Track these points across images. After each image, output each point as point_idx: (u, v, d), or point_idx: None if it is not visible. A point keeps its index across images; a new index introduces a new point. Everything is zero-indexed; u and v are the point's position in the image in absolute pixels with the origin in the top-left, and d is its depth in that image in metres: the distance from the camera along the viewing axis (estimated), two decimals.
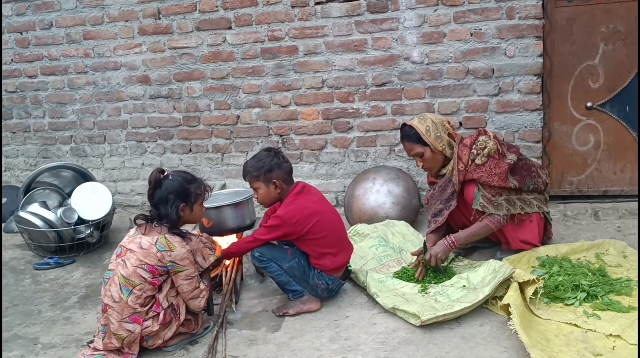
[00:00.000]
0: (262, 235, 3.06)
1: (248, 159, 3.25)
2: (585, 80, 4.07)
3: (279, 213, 3.05)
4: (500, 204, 3.24)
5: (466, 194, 3.35)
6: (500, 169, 3.21)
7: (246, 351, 2.78)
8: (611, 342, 2.49)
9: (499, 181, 3.21)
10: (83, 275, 3.95)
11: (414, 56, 4.23)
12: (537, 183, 3.34)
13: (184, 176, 2.86)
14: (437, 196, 3.49)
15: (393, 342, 2.71)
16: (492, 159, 3.23)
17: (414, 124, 3.34)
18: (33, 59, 5.10)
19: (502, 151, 3.27)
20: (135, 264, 2.69)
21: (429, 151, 3.33)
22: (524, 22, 3.99)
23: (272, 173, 3.06)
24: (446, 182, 3.43)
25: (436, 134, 3.31)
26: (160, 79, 4.81)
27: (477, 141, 3.28)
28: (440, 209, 3.44)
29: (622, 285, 2.93)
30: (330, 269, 3.12)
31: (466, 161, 3.28)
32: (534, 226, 3.34)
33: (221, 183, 4.82)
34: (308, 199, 3.11)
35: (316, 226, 3.03)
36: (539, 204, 3.36)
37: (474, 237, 3.33)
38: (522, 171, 3.31)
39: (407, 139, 3.39)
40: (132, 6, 4.73)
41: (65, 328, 3.21)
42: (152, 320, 2.72)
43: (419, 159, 3.41)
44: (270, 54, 4.52)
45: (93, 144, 5.15)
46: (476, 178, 3.26)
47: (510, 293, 2.72)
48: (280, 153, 3.15)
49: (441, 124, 3.35)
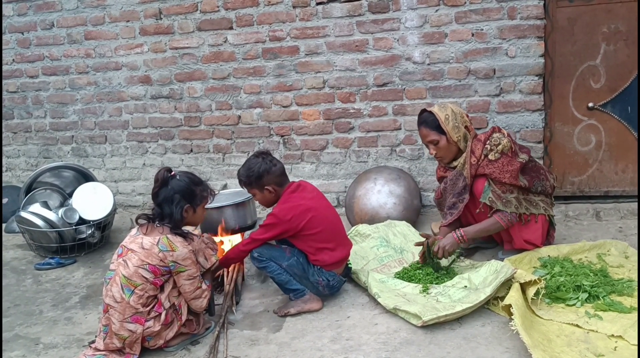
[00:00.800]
0: (259, 234, 3.09)
1: (237, 171, 3.26)
2: (586, 80, 4.06)
3: (274, 211, 3.09)
4: (509, 202, 3.24)
5: (475, 188, 3.34)
6: (512, 167, 3.22)
7: (247, 351, 2.78)
8: (613, 342, 2.49)
9: (510, 179, 3.22)
10: (84, 275, 3.95)
11: (415, 56, 4.23)
12: (545, 186, 3.35)
13: (190, 178, 2.88)
14: (450, 189, 3.46)
15: (394, 343, 2.71)
16: (505, 156, 3.23)
17: (434, 111, 3.33)
18: (34, 59, 5.11)
19: (515, 149, 3.29)
20: (137, 264, 2.69)
21: (445, 139, 3.32)
22: (525, 23, 3.99)
23: (262, 180, 3.10)
24: (457, 175, 3.41)
25: (454, 123, 3.30)
26: (162, 80, 4.82)
27: (491, 137, 3.29)
28: (454, 203, 3.43)
29: (623, 285, 2.92)
30: (330, 264, 3.13)
31: (479, 156, 3.28)
32: (538, 227, 3.35)
33: (222, 183, 4.82)
34: (302, 196, 3.14)
35: (311, 221, 3.06)
36: (545, 206, 3.36)
37: (483, 232, 3.33)
38: (532, 172, 3.33)
39: (424, 125, 3.36)
40: (134, 6, 4.73)
41: (67, 328, 3.21)
42: (153, 320, 2.72)
43: (433, 147, 3.38)
44: (272, 54, 4.52)
45: (94, 145, 5.15)
46: (488, 173, 3.26)
47: (512, 293, 2.72)
48: (269, 157, 3.15)
49: (460, 115, 3.35)
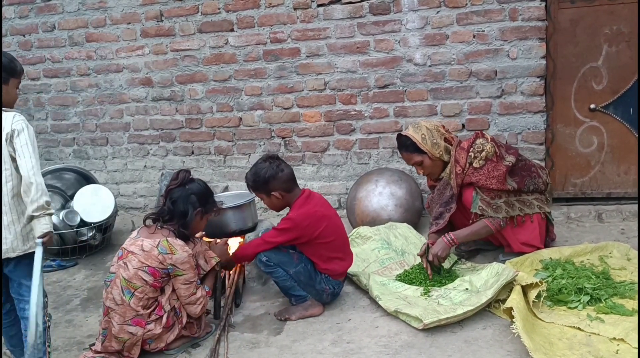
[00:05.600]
0: (272, 237, 3.05)
1: (250, 162, 3.26)
2: (588, 82, 4.05)
3: (290, 215, 3.05)
4: (500, 207, 3.24)
5: (465, 198, 3.34)
6: (498, 172, 3.20)
7: (248, 354, 2.77)
8: (615, 345, 2.47)
9: (497, 184, 3.21)
10: (85, 278, 3.95)
11: (416, 57, 4.23)
12: (537, 183, 3.33)
13: (206, 186, 2.97)
14: (437, 199, 3.49)
15: (395, 345, 2.70)
16: (490, 163, 3.22)
17: (409, 134, 3.35)
18: (36, 62, 5.11)
19: (500, 153, 3.26)
20: (137, 266, 2.68)
21: (427, 158, 3.34)
22: (527, 24, 3.98)
23: (269, 185, 3.06)
24: (444, 185, 3.43)
25: (432, 141, 3.31)
26: (163, 82, 4.82)
27: (474, 144, 3.27)
28: (441, 213, 3.43)
29: (625, 288, 2.91)
30: (339, 273, 3.13)
31: (463, 164, 3.27)
32: (534, 227, 3.33)
33: (223, 185, 4.81)
34: (315, 203, 3.12)
35: (326, 229, 3.04)
36: (539, 204, 3.35)
37: (473, 236, 3.33)
38: (522, 171, 3.31)
39: (404, 149, 3.41)
40: (135, 9, 4.74)
41: (68, 330, 3.21)
42: (154, 323, 2.72)
43: (418, 168, 3.43)
44: (273, 56, 4.52)
45: (95, 147, 5.15)
46: (474, 181, 3.25)
47: (513, 296, 2.71)
48: (276, 162, 3.09)
49: (436, 130, 3.35)
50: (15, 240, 2.59)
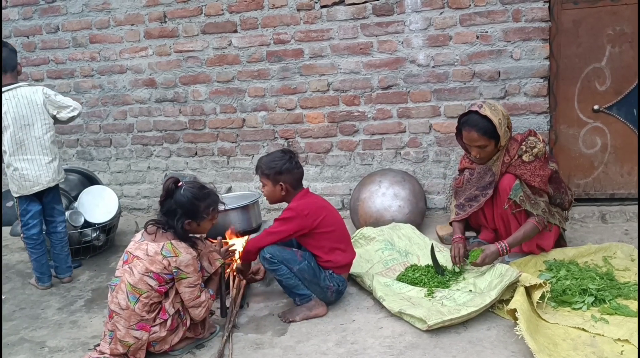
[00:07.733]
0: (275, 228, 3.09)
1: (253, 163, 3.27)
2: (592, 82, 4.05)
3: (290, 206, 3.11)
4: (538, 204, 3.22)
5: (501, 184, 3.27)
6: (544, 172, 3.21)
7: (252, 355, 2.78)
8: (619, 346, 2.48)
9: (540, 183, 3.21)
10: (89, 279, 3.95)
11: (419, 58, 4.23)
12: (563, 200, 3.37)
13: (194, 193, 2.77)
14: (475, 182, 3.39)
15: (399, 346, 2.70)
16: (538, 161, 3.22)
17: (488, 115, 3.11)
18: (39, 63, 5.13)
19: (548, 156, 3.28)
20: (142, 271, 2.68)
21: (493, 144, 3.19)
22: (530, 25, 3.98)
23: (281, 176, 3.10)
24: (485, 170, 3.35)
25: (505, 128, 3.18)
26: (166, 83, 4.83)
27: (527, 139, 3.26)
28: (475, 196, 3.39)
29: (630, 288, 2.91)
30: (342, 265, 3.16)
31: (513, 155, 3.25)
32: (551, 236, 3.35)
33: (227, 186, 4.82)
34: (314, 197, 3.23)
35: (326, 219, 3.09)
36: (560, 219, 3.37)
37: (525, 239, 3.23)
38: (555, 183, 3.33)
39: (476, 129, 3.14)
40: (138, 10, 4.75)
41: (72, 331, 3.22)
42: (159, 326, 2.72)
43: (477, 150, 3.22)
44: (276, 57, 4.52)
45: (99, 148, 5.16)
46: (519, 174, 3.23)
47: (517, 297, 2.71)
48: (295, 158, 3.17)
49: (506, 117, 3.21)
50: (54, 173, 3.66)
